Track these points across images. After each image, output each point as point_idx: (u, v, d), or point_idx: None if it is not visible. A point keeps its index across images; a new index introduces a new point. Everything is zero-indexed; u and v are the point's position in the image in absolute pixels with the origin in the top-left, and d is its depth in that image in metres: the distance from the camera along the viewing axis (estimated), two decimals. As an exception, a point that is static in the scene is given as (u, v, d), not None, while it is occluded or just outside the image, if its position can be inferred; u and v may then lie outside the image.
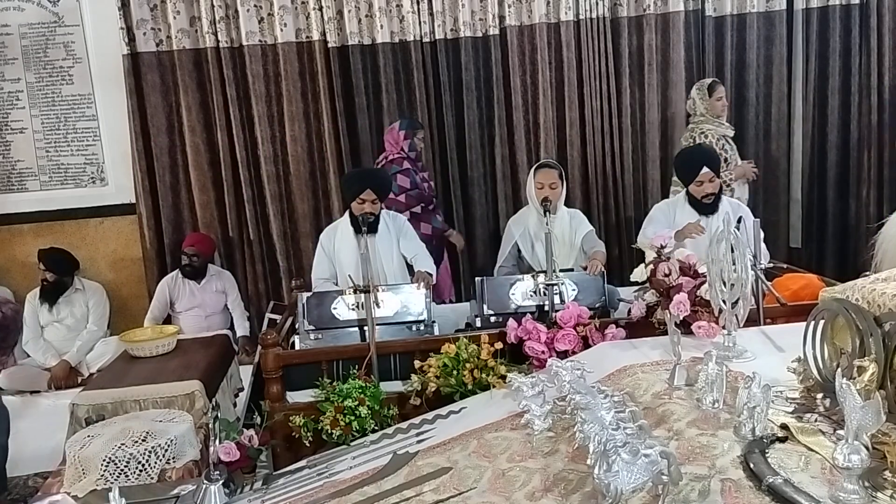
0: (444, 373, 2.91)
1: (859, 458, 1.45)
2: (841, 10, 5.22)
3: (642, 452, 1.56)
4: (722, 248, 2.44)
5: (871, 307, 1.79)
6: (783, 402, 1.93)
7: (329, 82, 5.05)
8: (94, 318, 4.99)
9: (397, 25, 5.08)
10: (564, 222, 4.17)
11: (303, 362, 3.18)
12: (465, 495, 1.94)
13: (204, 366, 3.78)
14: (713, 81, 4.83)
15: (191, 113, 5.08)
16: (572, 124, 5.20)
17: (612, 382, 2.30)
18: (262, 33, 5.04)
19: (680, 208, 4.07)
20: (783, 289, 3.19)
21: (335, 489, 2.20)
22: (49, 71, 5.14)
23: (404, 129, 4.68)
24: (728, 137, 4.78)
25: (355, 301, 3.41)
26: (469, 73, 5.12)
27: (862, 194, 5.38)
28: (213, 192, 5.17)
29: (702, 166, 3.95)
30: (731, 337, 2.42)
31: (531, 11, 5.11)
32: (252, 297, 5.25)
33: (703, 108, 4.76)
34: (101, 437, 2.64)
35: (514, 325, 3.03)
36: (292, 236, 5.23)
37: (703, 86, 4.80)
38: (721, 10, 5.20)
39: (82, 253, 5.17)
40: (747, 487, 1.58)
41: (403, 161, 4.62)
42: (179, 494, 2.36)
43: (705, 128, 4.73)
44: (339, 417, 2.77)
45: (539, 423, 2.14)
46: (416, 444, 2.40)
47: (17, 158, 5.20)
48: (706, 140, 4.68)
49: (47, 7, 5.09)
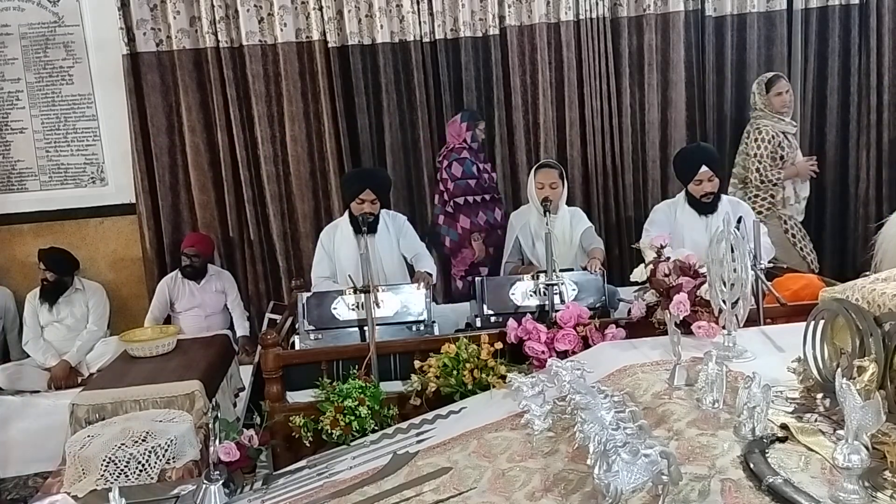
0: (444, 373, 2.91)
1: (859, 458, 1.45)
2: (840, 10, 5.22)
3: (642, 452, 1.56)
4: (722, 248, 2.44)
5: (871, 307, 1.79)
6: (783, 402, 1.93)
7: (329, 82, 5.05)
8: (94, 318, 4.99)
9: (397, 25, 5.08)
10: (565, 221, 4.18)
11: (303, 362, 3.18)
12: (465, 495, 1.94)
13: (204, 366, 3.78)
14: (774, 76, 4.79)
15: (191, 113, 5.08)
16: (572, 124, 5.20)
17: (612, 382, 2.30)
18: (262, 33, 5.04)
19: (680, 208, 4.07)
20: (783, 289, 3.19)
21: (335, 489, 2.20)
22: (49, 71, 5.14)
23: (466, 121, 4.71)
24: (788, 134, 4.73)
25: (355, 301, 3.41)
26: (469, 73, 5.12)
27: (861, 194, 5.38)
28: (213, 192, 5.17)
29: (701, 165, 3.95)
30: (731, 337, 2.42)
31: (531, 11, 5.10)
32: (252, 297, 5.24)
33: (761, 104, 4.74)
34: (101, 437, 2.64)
35: (514, 325, 3.03)
36: (292, 236, 5.23)
37: (762, 81, 4.77)
38: (721, 10, 5.19)
39: (82, 253, 5.16)
40: (747, 487, 1.58)
41: (463, 150, 4.66)
42: (179, 494, 2.36)
43: (761, 123, 4.71)
44: (339, 417, 2.76)
45: (539, 423, 2.14)
46: (416, 444, 2.40)
47: (17, 158, 5.20)
48: (760, 136, 4.66)
49: (47, 7, 5.09)
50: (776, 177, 4.65)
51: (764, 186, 4.70)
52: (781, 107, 4.73)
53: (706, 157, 4.04)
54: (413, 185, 5.21)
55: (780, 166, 4.66)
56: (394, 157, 5.14)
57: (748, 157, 4.77)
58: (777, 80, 4.76)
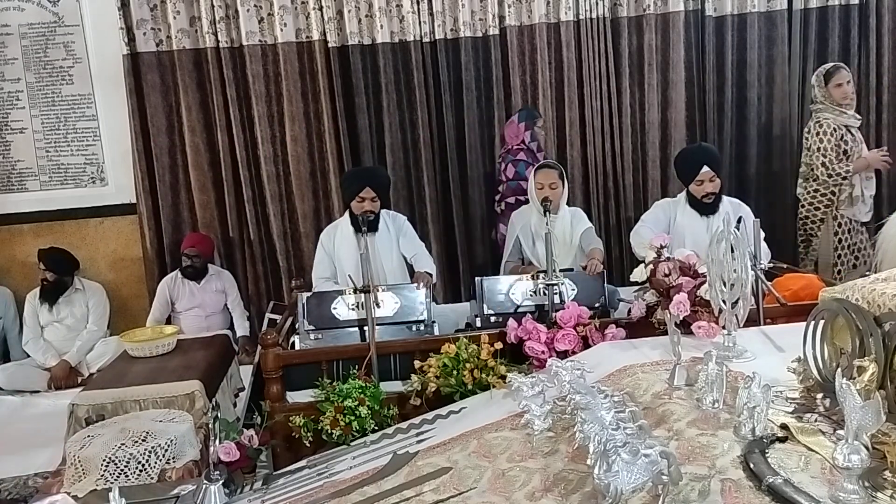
0: (444, 373, 2.91)
1: (859, 458, 1.45)
2: (840, 10, 5.22)
3: (642, 452, 1.56)
4: (722, 248, 2.44)
5: (871, 307, 1.79)
6: (783, 402, 1.94)
7: (329, 82, 5.05)
8: (93, 318, 4.99)
9: (397, 25, 5.08)
10: (565, 222, 4.17)
11: (303, 362, 3.18)
12: (465, 495, 1.94)
13: (204, 366, 3.78)
14: (833, 66, 4.59)
15: (191, 113, 5.08)
16: (572, 124, 5.20)
17: (612, 382, 2.31)
18: (262, 33, 5.04)
19: (681, 208, 4.07)
20: (783, 289, 3.19)
21: (335, 489, 2.20)
22: (49, 71, 5.14)
23: (523, 121, 4.73)
24: (851, 128, 4.54)
25: (355, 301, 3.41)
26: (469, 73, 5.12)
27: (861, 194, 5.37)
28: (214, 192, 5.17)
29: (702, 165, 3.95)
30: (731, 337, 2.42)
31: (531, 11, 5.10)
32: (252, 297, 5.24)
33: (820, 96, 4.54)
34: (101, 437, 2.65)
35: (514, 325, 3.03)
36: (292, 236, 5.23)
37: (820, 72, 4.58)
38: (721, 10, 5.19)
39: (82, 253, 5.17)
40: (747, 487, 1.58)
41: (519, 152, 4.68)
42: (179, 494, 2.36)
43: (822, 116, 4.51)
44: (339, 417, 2.77)
45: (539, 423, 2.15)
46: (416, 444, 2.40)
47: (17, 158, 5.20)
48: (822, 129, 4.48)
49: (47, 7, 5.09)
50: (844, 170, 4.44)
51: (833, 181, 4.48)
52: (842, 98, 4.50)
53: (708, 157, 4.05)
54: (413, 185, 5.21)
55: (845, 161, 4.45)
56: (394, 157, 5.14)
57: (810, 151, 4.57)
58: (837, 70, 4.53)
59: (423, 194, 5.20)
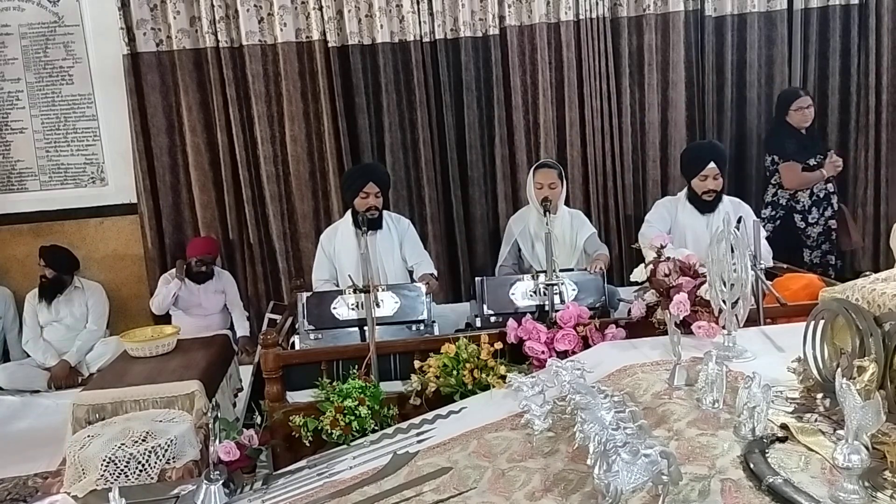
0: (444, 373, 2.91)
1: (859, 458, 1.45)
2: (840, 10, 5.22)
3: (642, 452, 1.56)
4: (722, 248, 2.44)
5: (871, 307, 1.79)
6: (783, 402, 1.93)
7: (329, 82, 5.05)
8: (93, 318, 5.00)
9: (397, 25, 5.08)
10: (565, 222, 4.17)
11: (303, 362, 3.18)
12: (465, 495, 1.94)
13: (204, 366, 3.78)
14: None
15: (191, 113, 5.08)
16: (572, 124, 5.19)
17: (612, 382, 2.30)
18: (261, 33, 5.04)
19: (681, 206, 4.07)
20: (783, 289, 3.19)
21: (335, 489, 2.20)
22: (49, 71, 5.14)
23: None
24: None
25: (355, 301, 3.41)
26: (469, 73, 5.12)
27: (860, 194, 5.37)
28: (214, 192, 5.17)
29: (710, 161, 3.95)
30: (731, 337, 2.42)
31: (531, 11, 5.10)
32: (252, 297, 5.24)
33: None
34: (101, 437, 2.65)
35: (514, 325, 3.03)
36: (292, 237, 5.23)
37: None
38: (721, 10, 5.19)
39: (82, 253, 5.17)
40: (747, 487, 1.58)
41: None
42: (179, 494, 2.36)
43: None
44: (339, 417, 2.76)
45: (539, 423, 2.14)
46: (416, 444, 2.40)
47: (17, 158, 5.20)
48: None
49: (47, 7, 5.09)
50: None
51: None
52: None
53: (716, 154, 4.06)
54: (413, 185, 5.21)
55: None
56: (394, 157, 5.14)
57: None
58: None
59: (423, 194, 5.20)
